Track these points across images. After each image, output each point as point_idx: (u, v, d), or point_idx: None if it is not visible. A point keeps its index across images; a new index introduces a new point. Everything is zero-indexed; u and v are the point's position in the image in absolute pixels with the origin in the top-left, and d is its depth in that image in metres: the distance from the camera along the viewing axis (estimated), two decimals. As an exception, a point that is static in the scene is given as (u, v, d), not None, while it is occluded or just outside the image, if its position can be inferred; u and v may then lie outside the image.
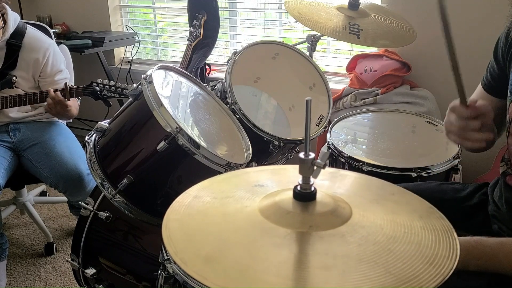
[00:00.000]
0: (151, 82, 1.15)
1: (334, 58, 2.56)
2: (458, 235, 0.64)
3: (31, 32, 1.84)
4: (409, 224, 0.65)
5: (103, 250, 1.34)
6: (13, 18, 1.78)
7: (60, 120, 1.98)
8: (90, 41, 2.65)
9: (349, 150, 1.42)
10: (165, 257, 0.85)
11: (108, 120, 1.28)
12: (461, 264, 0.63)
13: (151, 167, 1.16)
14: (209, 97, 1.44)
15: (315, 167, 0.65)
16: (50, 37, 1.98)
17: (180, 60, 2.52)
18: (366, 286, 0.53)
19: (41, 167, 1.74)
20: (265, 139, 1.46)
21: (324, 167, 0.65)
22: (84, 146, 1.28)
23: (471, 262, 0.85)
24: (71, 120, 2.10)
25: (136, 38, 2.93)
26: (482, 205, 1.10)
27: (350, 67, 2.23)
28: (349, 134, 1.54)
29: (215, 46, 2.56)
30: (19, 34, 1.79)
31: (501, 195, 1.03)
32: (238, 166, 1.19)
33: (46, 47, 1.84)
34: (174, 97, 1.28)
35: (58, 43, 1.98)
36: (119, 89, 1.69)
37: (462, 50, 0.98)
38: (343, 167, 1.40)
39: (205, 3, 2.48)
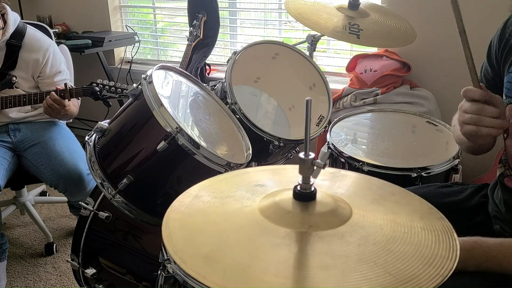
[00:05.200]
0: (151, 82, 1.15)
1: (334, 58, 2.56)
2: (459, 236, 0.64)
3: (31, 32, 1.84)
4: (409, 225, 0.65)
5: (103, 250, 1.34)
6: (13, 18, 1.78)
7: (60, 120, 1.98)
8: (90, 41, 2.65)
9: (349, 150, 1.42)
10: (165, 257, 0.85)
11: (108, 120, 1.28)
12: (461, 264, 0.62)
13: (151, 167, 1.16)
14: (209, 97, 1.44)
15: (315, 167, 0.65)
16: (50, 37, 1.98)
17: (180, 60, 2.52)
18: (366, 286, 0.53)
19: (41, 167, 1.74)
20: (265, 139, 1.46)
21: (324, 167, 0.65)
22: (84, 146, 1.28)
23: (470, 262, 0.84)
24: (71, 120, 2.10)
25: (136, 38, 2.92)
26: (482, 207, 1.09)
27: (350, 67, 2.23)
28: (349, 134, 1.54)
29: (215, 46, 2.56)
30: (19, 34, 1.79)
31: (500, 197, 1.03)
32: (238, 166, 1.19)
33: (46, 47, 1.84)
34: (174, 97, 1.28)
35: (58, 43, 1.97)
36: (119, 89, 1.69)
37: (461, 49, 0.97)
38: (343, 167, 1.40)
39: (205, 3, 2.48)
